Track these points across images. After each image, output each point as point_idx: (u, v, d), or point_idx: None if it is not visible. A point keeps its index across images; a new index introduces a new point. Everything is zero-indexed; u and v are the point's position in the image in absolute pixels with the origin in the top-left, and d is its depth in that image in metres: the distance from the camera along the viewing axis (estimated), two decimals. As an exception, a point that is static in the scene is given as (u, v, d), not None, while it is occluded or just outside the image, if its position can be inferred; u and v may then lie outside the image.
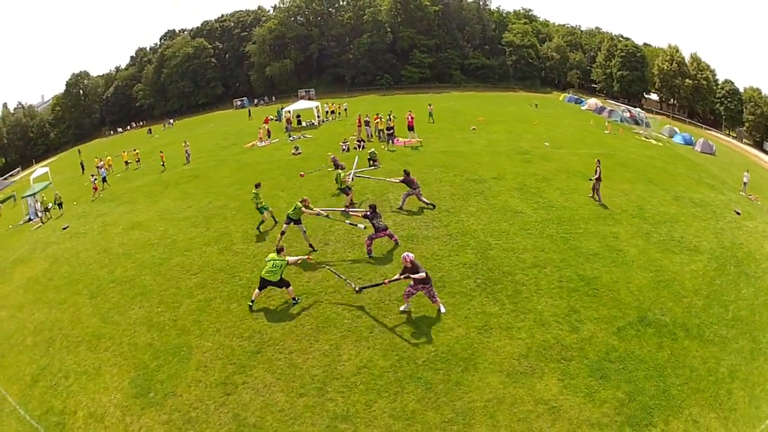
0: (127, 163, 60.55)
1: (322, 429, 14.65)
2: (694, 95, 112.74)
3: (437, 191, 31.29)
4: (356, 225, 24.27)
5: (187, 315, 21.50)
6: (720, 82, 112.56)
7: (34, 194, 49.39)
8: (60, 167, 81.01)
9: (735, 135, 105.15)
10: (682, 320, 18.56)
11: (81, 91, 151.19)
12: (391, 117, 51.38)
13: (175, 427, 15.55)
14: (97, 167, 55.02)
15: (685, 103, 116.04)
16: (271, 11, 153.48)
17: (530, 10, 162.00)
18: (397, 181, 28.24)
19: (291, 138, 57.81)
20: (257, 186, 28.24)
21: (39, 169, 69.05)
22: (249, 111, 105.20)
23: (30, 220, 47.32)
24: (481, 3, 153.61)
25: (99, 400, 17.67)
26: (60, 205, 46.26)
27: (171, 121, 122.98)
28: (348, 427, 14.59)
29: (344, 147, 46.75)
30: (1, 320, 25.88)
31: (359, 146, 46.88)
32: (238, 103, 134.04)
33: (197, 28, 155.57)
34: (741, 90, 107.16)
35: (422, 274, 17.75)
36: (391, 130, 45.99)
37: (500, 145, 46.05)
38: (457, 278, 20.95)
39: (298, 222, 24.41)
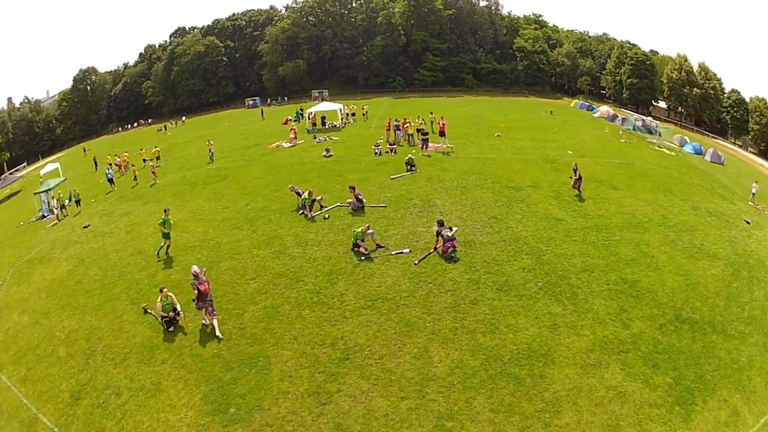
0: (145, 160, 57.77)
1: (430, 429, 15.14)
2: (702, 104, 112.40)
3: (480, 198, 31.63)
4: (402, 251, 24.88)
5: (254, 323, 20.73)
6: (726, 92, 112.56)
7: (48, 190, 46.83)
8: (68, 163, 78.35)
9: (740, 144, 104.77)
10: (709, 318, 20.66)
11: (88, 87, 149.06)
12: (424, 121, 52.38)
13: None
14: (113, 164, 53.82)
15: (692, 111, 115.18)
16: (283, 11, 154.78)
17: (540, 15, 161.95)
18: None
19: (317, 140, 55.67)
20: (166, 211, 27.88)
21: (49, 165, 66.17)
22: (261, 111, 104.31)
23: (43, 216, 44.76)
24: (492, 8, 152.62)
25: (166, 420, 16.30)
26: (78, 202, 43.61)
27: (183, 118, 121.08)
28: (455, 425, 15.23)
29: (376, 151, 45.19)
30: (24, 327, 23.72)
31: (391, 150, 45.37)
32: (251, 102, 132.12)
33: (208, 26, 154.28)
34: (747, 99, 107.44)
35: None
36: (426, 135, 44.34)
37: (527, 153, 45.84)
38: (520, 282, 22.08)
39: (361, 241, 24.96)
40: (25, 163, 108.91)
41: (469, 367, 17.32)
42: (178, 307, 20.77)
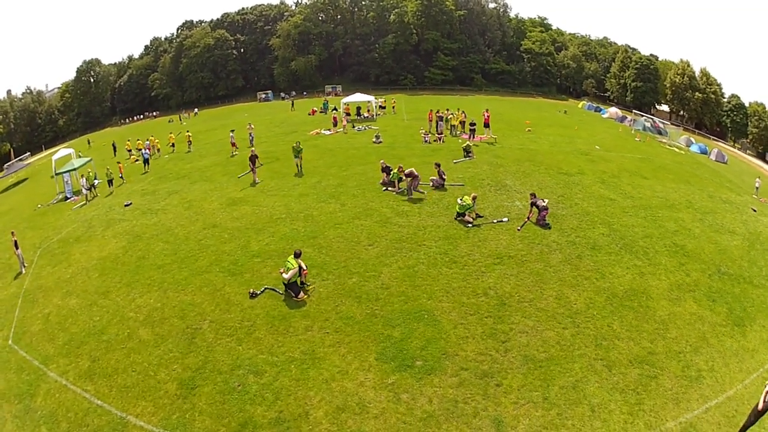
0: (173, 145, 55.40)
1: (593, 348, 16.90)
2: (703, 108, 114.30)
3: (542, 180, 33.32)
4: (502, 220, 26.18)
5: (397, 282, 20.52)
6: (727, 97, 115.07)
7: (74, 170, 43.56)
8: (85, 153, 73.01)
9: (739, 146, 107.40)
10: (739, 273, 23.53)
11: (92, 79, 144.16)
12: (464, 113, 53.31)
13: (473, 384, 15.17)
14: (137, 149, 51.95)
15: (694, 114, 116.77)
16: (294, 7, 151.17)
17: (545, 18, 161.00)
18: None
19: (357, 128, 54.92)
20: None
21: (61, 150, 60.60)
22: (292, 102, 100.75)
23: (67, 198, 41.06)
24: (501, 10, 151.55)
25: (342, 388, 15.09)
26: (110, 182, 40.15)
27: (196, 110, 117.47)
28: (608, 344, 17.28)
29: (426, 139, 45.65)
30: (74, 311, 20.73)
31: (439, 139, 45.69)
32: (263, 95, 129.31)
33: (217, 19, 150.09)
34: (746, 104, 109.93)
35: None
36: (474, 126, 46.35)
37: (562, 146, 47.35)
38: (604, 243, 24.32)
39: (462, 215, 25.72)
40: (28, 153, 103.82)
41: (598, 302, 19.47)
42: (304, 268, 19.76)
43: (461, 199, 25.76)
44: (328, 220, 26.69)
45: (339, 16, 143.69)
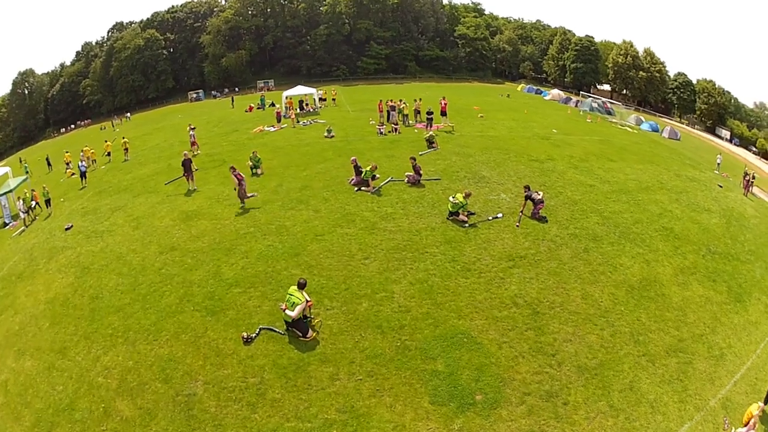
0: (108, 154, 50.52)
1: (633, 346, 16.85)
2: (648, 86, 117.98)
3: (517, 169, 32.05)
4: (497, 216, 24.75)
5: (414, 302, 18.01)
6: (672, 75, 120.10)
7: (10, 191, 38.38)
8: (17, 172, 66.96)
9: (686, 122, 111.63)
10: (725, 250, 24.73)
11: (26, 91, 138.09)
12: (419, 101, 50.81)
13: (541, 408, 13.98)
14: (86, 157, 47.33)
15: (637, 93, 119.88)
16: (224, 1, 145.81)
17: (479, 3, 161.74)
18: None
19: (302, 123, 52.05)
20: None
21: (-1, 170, 54.95)
22: (232, 99, 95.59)
23: (6, 224, 35.88)
24: None
25: None
26: (48, 201, 35.64)
27: (128, 114, 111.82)
28: (643, 338, 17.42)
29: (381, 131, 43.62)
30: (31, 377, 16.89)
31: (395, 130, 43.63)
32: (194, 95, 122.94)
33: (147, 19, 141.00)
34: (694, 81, 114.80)
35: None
36: (431, 115, 44.10)
37: (520, 132, 46.38)
38: (603, 233, 23.84)
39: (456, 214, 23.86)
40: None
41: (621, 297, 19.14)
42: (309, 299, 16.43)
43: (453, 197, 23.94)
44: (306, 231, 23.48)
45: (269, 9, 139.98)
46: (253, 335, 16.46)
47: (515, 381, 14.55)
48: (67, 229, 29.24)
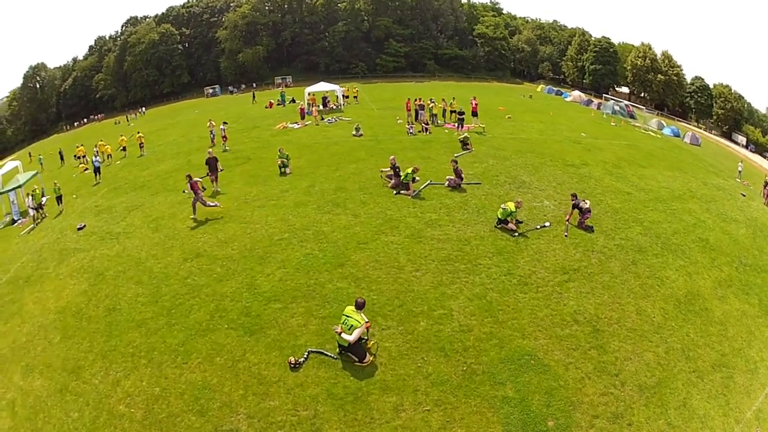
0: (124, 149, 48.81)
1: (683, 363, 16.01)
2: (666, 89, 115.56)
3: (554, 174, 30.94)
4: (544, 225, 23.59)
5: (476, 320, 16.42)
6: (689, 79, 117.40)
7: (19, 187, 36.48)
8: (27, 167, 65.77)
9: (704, 127, 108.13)
10: (753, 262, 23.75)
11: (38, 85, 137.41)
12: (453, 102, 50.02)
13: (609, 431, 13.21)
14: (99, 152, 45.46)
15: (656, 96, 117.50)
16: None
17: (497, 3, 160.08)
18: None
19: (328, 120, 50.50)
20: None
21: (8, 164, 53.16)
22: (253, 95, 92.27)
23: (14, 221, 34.19)
24: None
25: None
26: (59, 198, 33.68)
27: (143, 109, 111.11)
28: (693, 353, 16.61)
29: (410, 131, 41.94)
30: (42, 399, 14.81)
31: (425, 130, 41.84)
32: (210, 90, 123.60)
33: (162, 14, 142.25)
34: (711, 86, 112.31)
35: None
36: (462, 115, 43.04)
37: (550, 135, 45.10)
38: (646, 245, 22.73)
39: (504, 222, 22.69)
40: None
41: (671, 312, 18.27)
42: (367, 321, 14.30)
43: (505, 205, 22.54)
44: (347, 237, 21.60)
45: (286, 5, 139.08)
46: (301, 360, 14.44)
47: (583, 404, 13.58)
48: (79, 228, 27.35)
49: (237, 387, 13.75)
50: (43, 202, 33.15)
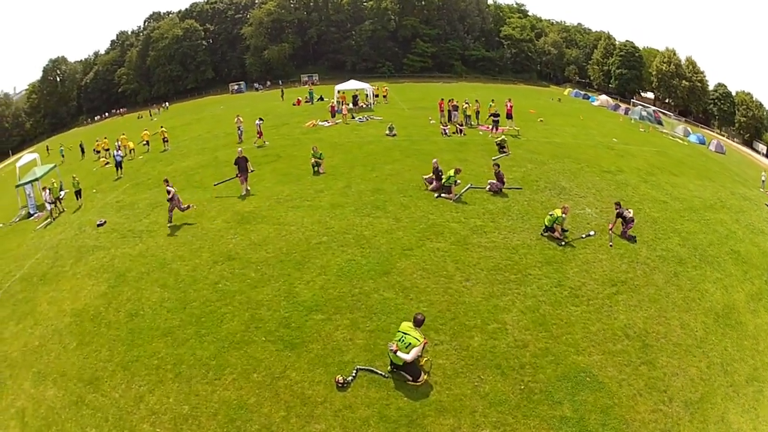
0: (147, 143, 48.56)
1: (726, 375, 15.91)
2: (690, 96, 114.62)
3: (592, 182, 30.16)
4: (590, 234, 22.97)
5: (531, 335, 15.57)
6: (712, 85, 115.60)
7: (36, 180, 35.57)
8: (45, 160, 65.59)
9: (726, 134, 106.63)
10: None
11: (58, 78, 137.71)
12: (492, 104, 48.37)
13: None
14: (105, 149, 47.10)
15: (680, 102, 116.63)
16: None
17: (523, 5, 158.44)
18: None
19: (358, 119, 49.92)
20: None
21: (26, 156, 53.29)
22: (282, 92, 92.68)
23: (30, 215, 33.49)
24: None
25: None
26: (78, 193, 32.55)
27: (166, 104, 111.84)
28: (739, 367, 16.50)
29: (445, 131, 41.03)
30: (56, 411, 13.62)
31: (459, 132, 41.29)
32: (235, 87, 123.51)
33: (186, 9, 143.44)
34: (733, 93, 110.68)
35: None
36: (497, 117, 41.93)
37: (583, 139, 44.60)
38: (686, 256, 22.09)
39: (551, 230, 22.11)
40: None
41: (711, 326, 17.72)
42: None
43: (552, 212, 22.06)
44: (391, 243, 20.50)
45: (312, 3, 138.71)
46: (350, 378, 13.38)
47: (636, 422, 13.09)
48: (99, 225, 26.27)
49: (278, 408, 12.65)
50: (61, 196, 32.10)
